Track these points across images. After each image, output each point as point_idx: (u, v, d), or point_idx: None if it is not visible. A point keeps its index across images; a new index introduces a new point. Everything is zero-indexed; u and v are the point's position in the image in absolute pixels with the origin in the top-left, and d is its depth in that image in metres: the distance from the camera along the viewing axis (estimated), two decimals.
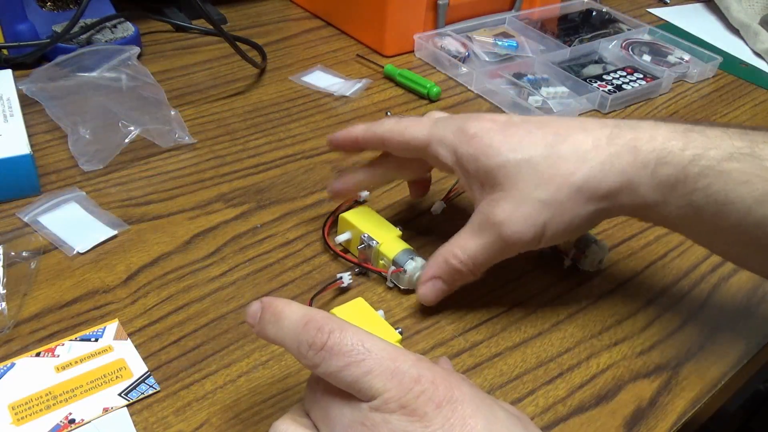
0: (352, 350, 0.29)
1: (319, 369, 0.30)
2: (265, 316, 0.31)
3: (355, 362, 0.29)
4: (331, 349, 0.29)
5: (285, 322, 0.31)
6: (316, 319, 0.30)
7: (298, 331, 0.30)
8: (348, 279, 0.47)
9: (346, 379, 0.29)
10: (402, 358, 0.29)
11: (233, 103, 0.67)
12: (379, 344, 0.30)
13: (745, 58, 0.87)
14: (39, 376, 0.39)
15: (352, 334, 0.30)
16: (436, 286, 0.44)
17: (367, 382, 0.29)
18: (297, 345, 0.30)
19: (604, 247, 0.49)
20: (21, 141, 0.52)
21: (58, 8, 0.72)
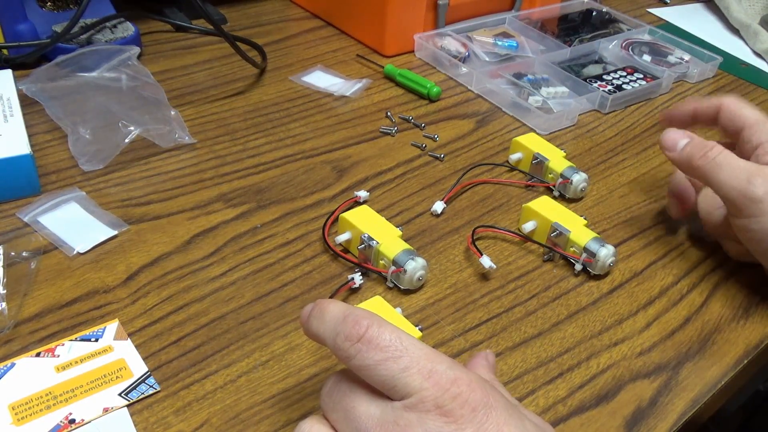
0: (389, 345, 0.29)
1: (354, 361, 0.29)
2: (313, 312, 0.32)
3: (392, 358, 0.29)
4: (368, 342, 0.29)
5: (327, 316, 0.31)
6: (354, 314, 0.30)
7: (337, 323, 0.30)
8: (359, 280, 0.47)
9: (381, 374, 0.29)
10: (439, 359, 0.29)
11: (233, 103, 0.67)
12: (416, 343, 0.30)
13: (745, 58, 0.87)
14: (39, 376, 0.39)
15: (390, 330, 0.30)
16: None
17: (403, 378, 0.29)
18: (333, 336, 0.30)
19: (612, 250, 0.49)
20: (21, 141, 0.52)
21: (58, 8, 0.72)
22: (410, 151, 0.62)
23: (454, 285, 0.49)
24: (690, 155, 0.49)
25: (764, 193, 0.45)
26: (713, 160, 0.47)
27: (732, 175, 0.46)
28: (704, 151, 0.48)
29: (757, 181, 0.45)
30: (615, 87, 0.73)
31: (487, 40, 0.79)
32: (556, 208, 0.52)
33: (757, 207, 0.45)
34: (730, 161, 0.47)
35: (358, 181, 0.58)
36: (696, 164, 0.48)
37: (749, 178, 0.46)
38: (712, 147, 0.48)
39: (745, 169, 0.46)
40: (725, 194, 0.47)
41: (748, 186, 0.45)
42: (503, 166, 0.62)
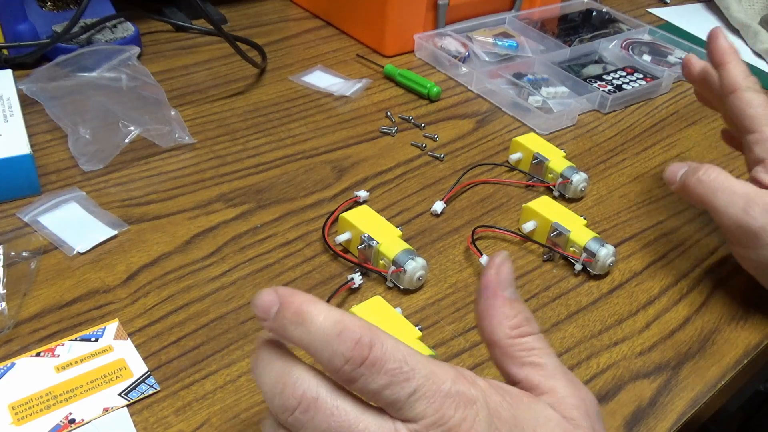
0: (396, 368, 0.27)
1: (357, 385, 0.27)
2: (285, 314, 0.27)
3: (398, 382, 0.27)
4: (372, 365, 0.26)
5: (313, 326, 0.27)
6: (351, 328, 0.27)
7: (329, 340, 0.27)
8: (359, 279, 0.47)
9: (387, 398, 0.27)
10: (445, 377, 0.28)
11: (233, 103, 0.67)
12: (421, 360, 0.27)
13: (745, 58, 0.86)
14: (39, 376, 0.39)
15: (394, 348, 0.27)
16: None
17: (409, 403, 0.27)
18: (329, 356, 0.27)
19: (612, 250, 0.49)
20: (21, 141, 0.52)
21: (58, 8, 0.72)
22: (410, 151, 0.62)
23: (454, 285, 0.49)
24: (685, 180, 0.47)
25: (761, 227, 0.43)
26: (709, 183, 0.45)
27: (729, 202, 0.44)
28: (695, 173, 0.46)
29: (755, 211, 0.43)
30: (615, 87, 0.73)
31: (487, 40, 0.79)
32: (556, 208, 0.52)
33: (755, 239, 0.44)
34: (727, 185, 0.45)
35: (358, 181, 0.58)
36: (690, 187, 0.46)
37: (746, 207, 0.43)
38: (704, 167, 0.46)
39: (742, 196, 0.44)
40: (722, 222, 0.45)
41: (745, 216, 0.43)
42: (503, 166, 0.62)
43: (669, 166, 0.49)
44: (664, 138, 0.68)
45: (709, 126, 0.71)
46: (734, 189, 0.44)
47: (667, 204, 0.59)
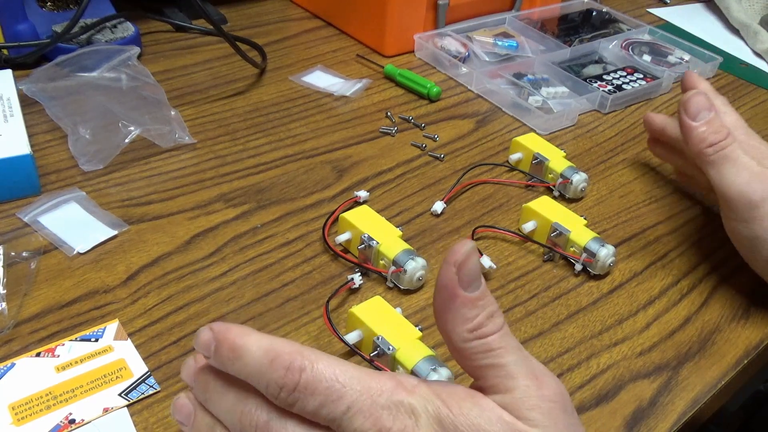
0: (327, 387, 0.27)
1: (296, 408, 0.28)
2: (221, 351, 0.29)
3: (332, 400, 0.27)
4: (304, 389, 0.27)
5: (247, 359, 0.28)
6: (282, 356, 0.28)
7: (263, 370, 0.28)
8: (359, 280, 0.47)
9: (324, 417, 0.28)
10: (379, 389, 0.28)
11: (233, 103, 0.67)
12: (354, 375, 0.28)
13: (745, 58, 0.87)
14: (39, 376, 0.39)
15: (325, 368, 0.28)
16: None
17: (347, 419, 0.27)
18: (265, 385, 0.28)
19: (612, 250, 0.49)
20: (21, 141, 0.52)
21: (58, 8, 0.72)
22: (410, 151, 0.62)
23: None
24: (703, 137, 0.47)
25: (761, 199, 0.45)
26: (724, 153, 0.46)
27: (735, 171, 0.46)
28: (718, 140, 0.46)
29: (756, 185, 0.45)
30: (615, 87, 0.73)
31: (487, 40, 0.79)
32: (556, 208, 0.52)
33: (752, 212, 0.45)
34: (738, 156, 0.46)
35: (358, 181, 0.58)
36: (705, 150, 0.47)
37: (749, 180, 0.45)
38: (726, 136, 0.47)
39: (749, 168, 0.46)
40: (724, 191, 0.46)
41: (747, 188, 0.45)
42: (503, 166, 0.62)
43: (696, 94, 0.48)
44: None
45: None
46: (744, 161, 0.46)
47: (667, 204, 0.59)
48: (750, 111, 0.75)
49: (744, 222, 0.46)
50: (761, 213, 0.45)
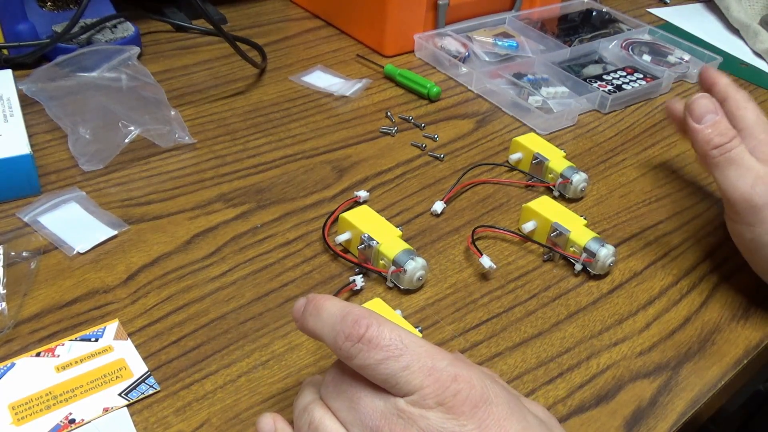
0: (390, 344, 0.29)
1: (355, 361, 0.30)
2: (307, 308, 0.32)
3: (393, 356, 0.29)
4: (368, 341, 0.29)
5: (324, 314, 0.31)
6: (353, 313, 0.30)
7: (337, 321, 0.31)
8: (361, 282, 0.46)
9: (382, 373, 0.29)
10: (439, 355, 0.30)
11: (233, 103, 0.67)
12: (417, 340, 0.30)
13: (745, 58, 0.87)
14: (39, 376, 0.39)
15: (390, 329, 0.30)
16: None
17: (404, 377, 0.29)
18: (334, 336, 0.30)
19: (612, 250, 0.49)
20: (21, 141, 0.52)
21: (58, 8, 0.72)
22: (410, 151, 0.62)
23: (454, 285, 0.49)
24: (708, 139, 0.47)
25: (764, 203, 0.45)
26: (729, 155, 0.46)
27: (739, 174, 0.46)
28: (723, 143, 0.47)
29: (761, 188, 0.45)
30: (615, 87, 0.73)
31: (487, 40, 0.79)
32: (556, 208, 0.52)
33: (755, 215, 0.45)
34: (743, 159, 0.46)
35: (358, 181, 0.58)
36: (710, 153, 0.47)
37: (754, 183, 0.45)
38: (731, 139, 0.47)
39: (754, 171, 0.46)
40: (728, 193, 0.47)
41: (750, 191, 0.45)
42: (503, 166, 0.62)
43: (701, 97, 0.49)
44: (664, 138, 0.68)
45: None
46: (748, 165, 0.46)
47: (667, 204, 0.59)
48: None
49: (747, 225, 0.46)
50: (764, 216, 0.45)
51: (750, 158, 0.46)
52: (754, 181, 0.45)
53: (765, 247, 0.46)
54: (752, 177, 0.45)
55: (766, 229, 0.45)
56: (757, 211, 0.45)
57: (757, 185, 0.45)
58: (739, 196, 0.46)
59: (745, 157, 0.46)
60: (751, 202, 0.45)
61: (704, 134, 0.47)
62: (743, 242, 0.48)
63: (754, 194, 0.45)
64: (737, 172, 0.46)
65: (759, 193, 0.45)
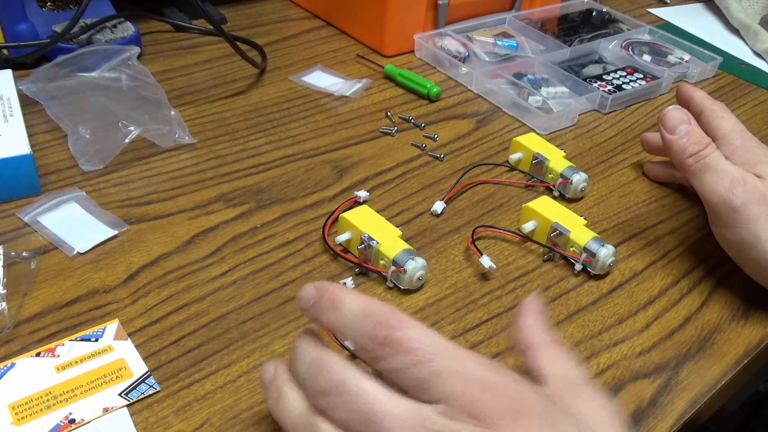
0: (419, 348, 0.28)
1: (382, 364, 0.28)
2: (322, 301, 0.30)
3: (422, 361, 0.27)
4: (396, 344, 0.28)
5: (344, 309, 0.30)
6: (378, 312, 0.29)
7: (358, 320, 0.29)
8: (351, 284, 0.46)
9: (411, 378, 0.28)
10: (470, 361, 0.28)
11: (233, 103, 0.67)
12: (446, 343, 0.28)
13: (745, 58, 0.87)
14: (39, 376, 0.39)
15: (418, 331, 0.28)
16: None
17: (434, 383, 0.27)
18: (356, 335, 0.29)
19: (612, 250, 0.49)
20: (21, 141, 0.52)
21: (58, 8, 0.72)
22: (410, 151, 0.62)
23: (454, 285, 0.49)
24: (683, 148, 0.48)
25: (741, 204, 0.45)
26: (705, 159, 0.47)
27: (715, 179, 0.47)
28: (697, 150, 0.47)
29: (738, 190, 0.46)
30: (615, 87, 0.73)
31: (487, 40, 0.79)
32: (556, 208, 0.52)
33: (734, 217, 0.46)
34: (718, 163, 0.47)
35: (358, 181, 0.58)
36: (686, 161, 0.48)
37: (731, 186, 0.46)
38: (706, 146, 0.47)
39: (729, 174, 0.46)
40: (706, 198, 0.47)
41: (728, 194, 0.46)
42: (503, 166, 0.62)
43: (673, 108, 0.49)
44: None
45: None
46: (725, 168, 0.47)
47: (667, 204, 0.59)
48: (750, 111, 0.75)
49: (729, 227, 0.47)
50: (744, 217, 0.46)
51: (726, 163, 0.47)
52: (731, 183, 0.46)
53: (748, 246, 0.46)
54: (728, 180, 0.46)
55: (748, 228, 0.45)
56: (737, 213, 0.46)
57: (733, 187, 0.46)
58: (717, 200, 0.46)
59: (721, 162, 0.47)
60: (729, 205, 0.46)
61: (679, 144, 0.48)
62: (729, 245, 0.48)
63: (731, 196, 0.46)
64: (714, 177, 0.47)
65: (736, 194, 0.46)
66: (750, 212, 0.45)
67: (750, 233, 0.45)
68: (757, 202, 0.45)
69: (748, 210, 0.45)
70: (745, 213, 0.45)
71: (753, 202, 0.45)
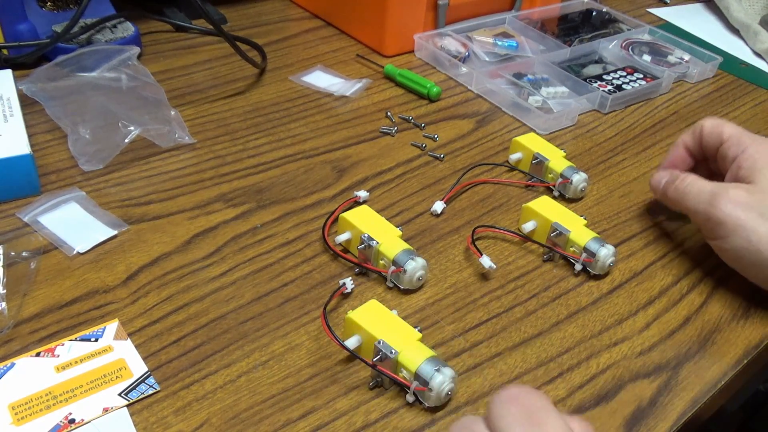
0: None
1: None
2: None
3: None
4: None
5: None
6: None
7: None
8: (351, 285, 0.46)
9: None
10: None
11: (233, 103, 0.67)
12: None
13: (745, 58, 0.87)
14: (39, 376, 0.39)
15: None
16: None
17: None
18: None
19: (612, 250, 0.49)
20: (21, 141, 0.52)
21: (58, 8, 0.72)
22: (410, 151, 0.62)
23: (454, 285, 0.49)
24: (665, 188, 0.52)
25: (725, 215, 0.46)
26: (684, 188, 0.50)
27: (697, 200, 0.48)
28: (672, 180, 0.51)
29: (719, 202, 0.47)
30: (615, 87, 0.73)
31: (487, 40, 0.79)
32: (556, 208, 0.52)
33: (722, 228, 0.47)
34: (695, 185, 0.49)
35: (358, 181, 0.58)
36: (669, 195, 0.52)
37: (711, 201, 0.47)
38: (681, 176, 0.51)
39: (709, 192, 0.48)
40: (694, 219, 0.50)
41: (710, 208, 0.47)
42: (503, 166, 0.62)
43: (653, 174, 0.55)
44: (664, 138, 0.68)
45: None
46: (703, 189, 0.49)
47: None
48: (750, 111, 0.75)
49: (721, 238, 0.47)
50: (731, 226, 0.46)
51: (702, 182, 0.49)
52: (711, 197, 0.47)
53: (744, 252, 0.46)
54: (708, 196, 0.48)
55: (739, 235, 0.46)
56: (723, 225, 0.47)
57: (714, 202, 0.47)
58: (702, 218, 0.48)
59: (697, 182, 0.49)
60: (714, 219, 0.47)
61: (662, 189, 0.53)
62: (726, 255, 0.49)
63: (714, 210, 0.47)
64: (694, 197, 0.49)
65: (718, 207, 0.47)
66: (736, 220, 0.46)
67: (742, 239, 0.46)
68: (742, 209, 0.46)
69: (734, 218, 0.46)
70: (731, 222, 0.46)
71: (737, 210, 0.46)
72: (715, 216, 0.47)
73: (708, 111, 0.74)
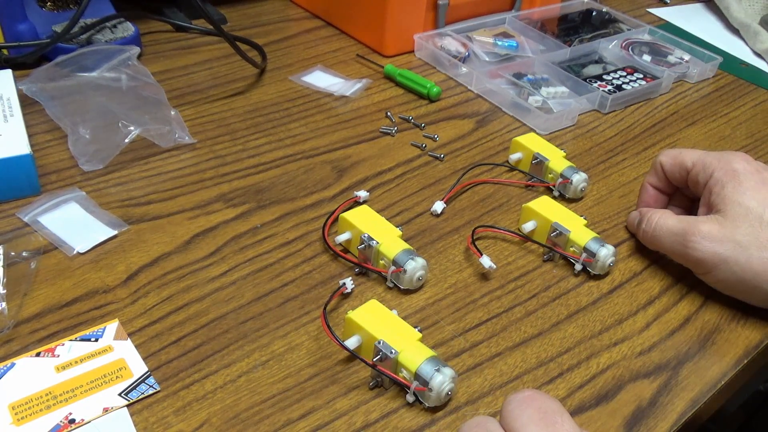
0: None
1: None
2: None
3: None
4: None
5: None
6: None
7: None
8: (351, 284, 0.46)
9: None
10: None
11: (233, 103, 0.67)
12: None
13: (745, 58, 0.87)
14: (39, 376, 0.39)
15: None
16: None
17: None
18: None
19: (612, 250, 0.49)
20: (21, 141, 0.52)
21: (58, 8, 0.72)
22: (410, 151, 0.62)
23: (454, 285, 0.49)
24: (636, 232, 0.52)
25: (703, 254, 0.46)
26: (652, 230, 0.50)
27: (672, 241, 0.48)
28: (641, 226, 0.51)
29: (693, 242, 0.47)
30: (615, 87, 0.73)
31: (487, 40, 0.79)
32: (556, 208, 0.52)
33: (704, 265, 0.47)
34: (665, 226, 0.49)
35: (358, 181, 0.58)
36: (641, 239, 0.52)
37: (684, 242, 0.47)
38: (647, 216, 0.50)
39: (680, 231, 0.48)
40: (676, 259, 0.50)
41: (686, 249, 0.47)
42: (503, 166, 0.62)
43: (628, 216, 0.55)
44: (664, 138, 0.68)
45: (708, 126, 0.71)
46: (673, 229, 0.49)
47: None
48: (750, 111, 0.75)
49: (709, 273, 0.47)
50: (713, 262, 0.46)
51: (670, 220, 0.49)
52: (683, 239, 0.47)
53: (737, 282, 0.46)
54: (680, 237, 0.47)
55: (722, 270, 0.46)
56: (703, 263, 0.47)
57: (687, 243, 0.47)
58: (681, 259, 0.49)
59: (666, 222, 0.49)
60: (693, 259, 0.47)
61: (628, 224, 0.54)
62: (718, 286, 0.48)
63: (690, 252, 0.47)
64: (668, 239, 0.49)
65: (694, 247, 0.46)
66: (714, 256, 0.46)
67: (726, 272, 0.46)
68: (718, 243, 0.46)
69: (712, 254, 0.46)
70: (710, 259, 0.46)
71: (714, 246, 0.46)
72: (693, 257, 0.47)
73: (708, 111, 0.74)
